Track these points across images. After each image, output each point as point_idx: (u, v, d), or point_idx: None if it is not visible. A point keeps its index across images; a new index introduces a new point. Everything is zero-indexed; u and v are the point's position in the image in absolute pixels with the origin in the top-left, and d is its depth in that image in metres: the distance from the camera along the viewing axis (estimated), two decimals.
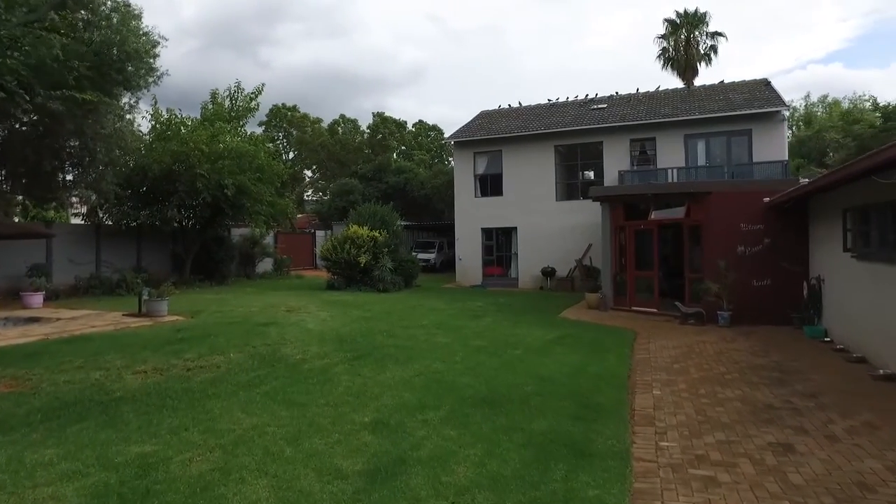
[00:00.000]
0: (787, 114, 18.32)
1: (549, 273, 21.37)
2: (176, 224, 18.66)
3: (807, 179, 11.78)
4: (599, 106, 23.09)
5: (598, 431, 5.33)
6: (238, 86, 20.01)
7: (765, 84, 20.80)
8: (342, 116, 47.96)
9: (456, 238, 23.86)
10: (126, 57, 13.01)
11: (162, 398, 6.07)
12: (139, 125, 17.32)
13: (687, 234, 12.92)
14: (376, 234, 19.52)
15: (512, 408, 5.99)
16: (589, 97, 24.73)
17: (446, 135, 51.80)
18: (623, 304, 14.49)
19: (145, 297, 11.57)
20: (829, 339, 9.91)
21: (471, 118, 25.78)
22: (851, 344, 9.00)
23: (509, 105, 26.28)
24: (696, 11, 37.16)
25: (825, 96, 45.23)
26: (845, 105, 40.21)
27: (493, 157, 23.13)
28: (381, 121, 45.57)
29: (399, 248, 21.21)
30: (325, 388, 6.63)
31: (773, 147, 18.59)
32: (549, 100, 25.46)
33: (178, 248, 20.21)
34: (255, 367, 7.36)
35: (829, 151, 22.74)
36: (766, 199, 11.60)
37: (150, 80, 14.12)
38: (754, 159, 18.59)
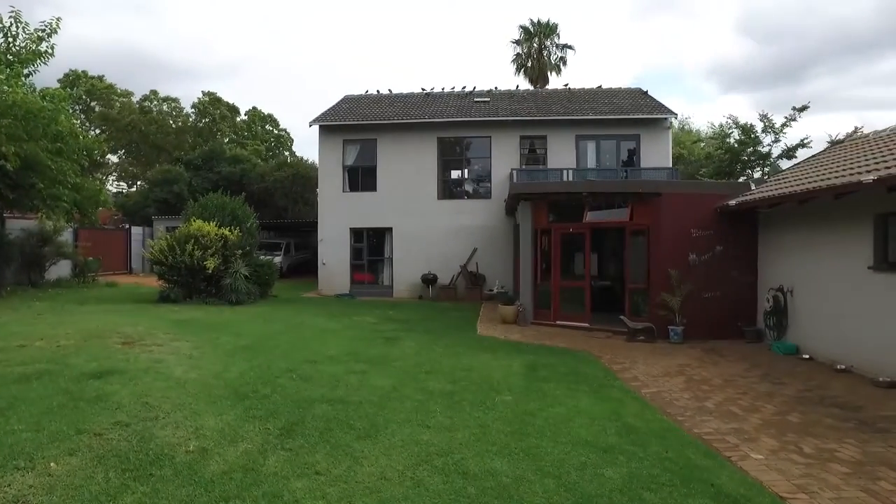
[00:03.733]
0: (673, 121, 18.34)
1: (430, 280, 18.94)
2: None
3: (754, 186, 10.99)
4: (482, 99, 21.36)
5: None
6: (16, 17, 13.83)
7: (642, 93, 20.89)
8: (154, 93, 40.01)
9: (319, 239, 20.25)
10: None
11: None
12: None
13: (629, 240, 11.42)
14: (227, 232, 15.30)
15: None
16: (466, 89, 22.89)
17: (282, 126, 47.24)
18: (545, 319, 12.60)
19: None
20: (807, 357, 8.94)
21: (336, 101, 22.35)
22: (836, 358, 8.21)
23: (378, 91, 23.37)
24: (548, 22, 38.08)
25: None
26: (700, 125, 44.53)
27: (367, 147, 20.04)
28: (211, 102, 38.98)
29: (253, 251, 17.07)
30: None
31: (659, 153, 18.49)
32: (423, 89, 23.13)
33: None
34: (116, 490, 3.64)
35: (701, 165, 23.84)
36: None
37: None
38: (642, 165, 18.32)
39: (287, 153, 42.51)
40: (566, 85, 22.51)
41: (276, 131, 45.82)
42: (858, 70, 53.89)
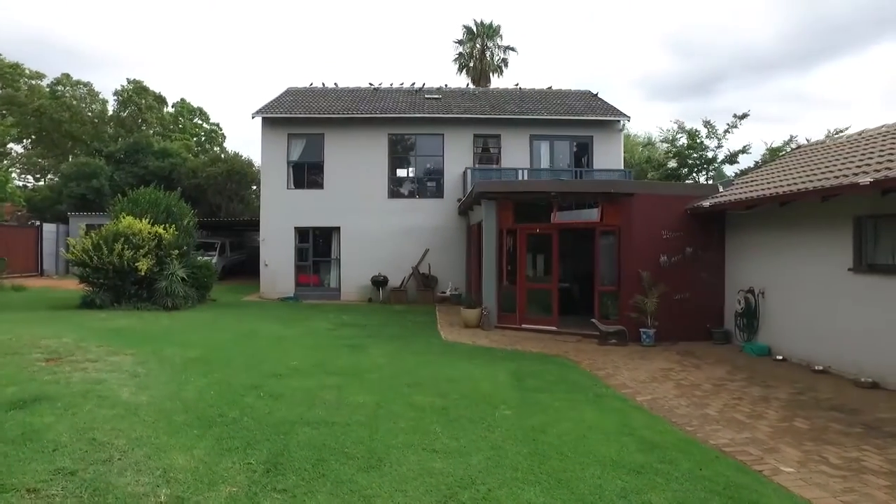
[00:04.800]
0: (625, 124, 18.50)
1: (380, 283, 18.16)
2: None
3: (721, 188, 11.04)
4: (433, 96, 20.78)
5: None
6: None
7: (592, 95, 21.01)
8: (66, 76, 36.37)
9: (261, 239, 18.99)
10: None
11: None
12: None
13: (599, 241, 11.18)
14: (161, 230, 13.92)
15: None
16: (415, 85, 22.23)
17: (213, 120, 44.68)
18: (511, 322, 12.18)
19: None
20: (781, 357, 8.96)
21: (279, 93, 21.07)
22: (813, 359, 8.31)
23: (323, 84, 22.29)
24: (491, 23, 38.07)
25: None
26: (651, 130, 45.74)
27: (313, 142, 18.98)
28: (136, 90, 36.05)
29: (190, 251, 15.67)
30: None
31: (611, 156, 18.61)
32: (370, 83, 22.28)
33: None
34: None
35: (648, 168, 24.29)
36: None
37: None
38: (595, 166, 18.37)
39: (218, 149, 40.14)
40: (517, 84, 22.34)
41: (206, 126, 43.26)
42: (757, 87, 57.60)
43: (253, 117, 18.24)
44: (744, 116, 20.36)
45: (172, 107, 41.24)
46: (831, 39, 58.35)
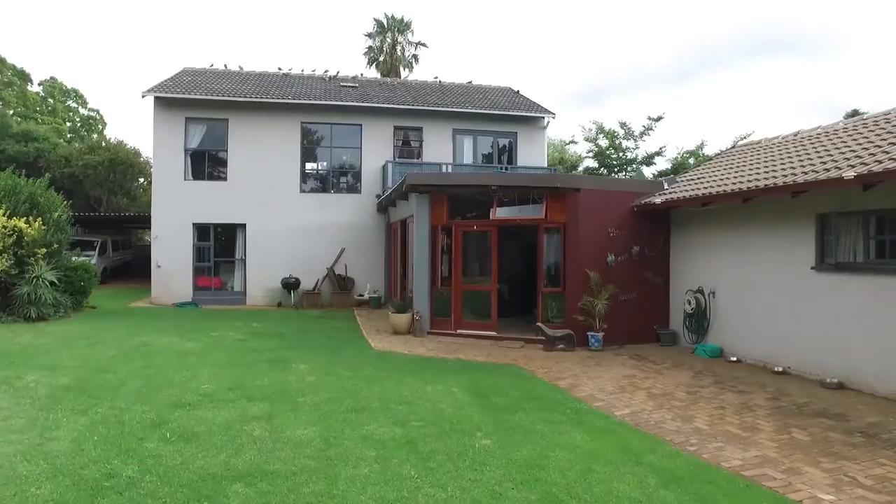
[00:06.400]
0: (550, 121, 18.16)
1: (292, 285, 16.46)
2: None
3: (666, 185, 10.74)
4: (350, 84, 19.35)
5: None
6: None
7: (514, 92, 20.58)
8: None
9: (153, 236, 16.61)
10: None
11: None
12: None
13: (543, 239, 10.46)
14: (22, 223, 11.51)
15: None
16: (329, 73, 20.63)
17: (92, 106, 39.79)
18: (445, 328, 11.20)
19: None
20: (735, 359, 8.69)
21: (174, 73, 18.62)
22: (772, 360, 8.11)
23: (226, 66, 20.06)
24: (402, 18, 37.04)
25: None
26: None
27: (215, 128, 16.87)
28: None
29: (63, 250, 13.18)
30: None
31: (535, 153, 18.23)
32: (279, 68, 20.37)
33: None
34: None
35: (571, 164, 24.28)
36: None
37: None
38: (519, 163, 17.89)
39: (97, 136, 35.70)
40: (436, 78, 21.43)
41: (83, 111, 38.45)
42: (640, 100, 61.17)
43: (143, 96, 15.85)
44: (659, 119, 20.92)
45: (39, 85, 36.21)
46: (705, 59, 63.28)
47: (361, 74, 21.04)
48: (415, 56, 37.93)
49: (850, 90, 51.58)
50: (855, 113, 19.66)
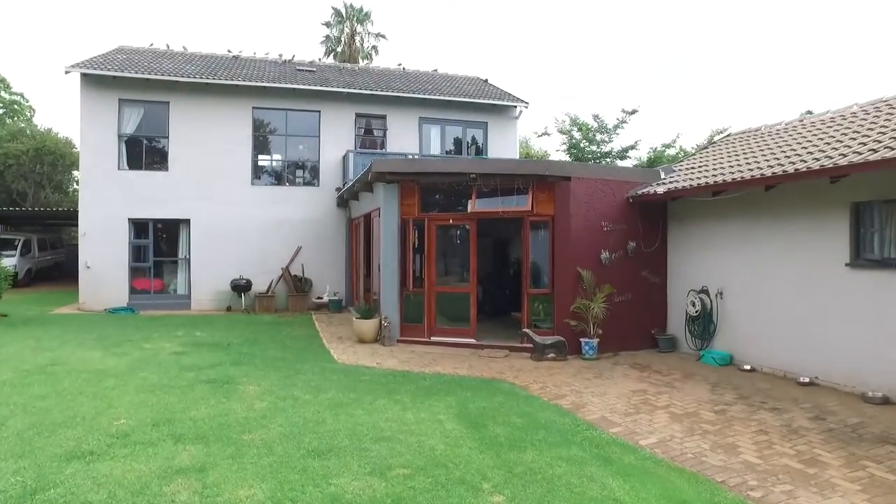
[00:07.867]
0: (522, 111, 17.09)
1: (243, 288, 14.83)
2: None
3: (663, 174, 9.77)
4: (307, 68, 17.79)
5: None
6: None
7: (483, 81, 19.46)
8: None
9: (81, 233, 14.67)
10: None
11: None
12: None
13: (529, 234, 9.31)
14: None
15: None
16: (283, 57, 18.97)
17: (17, 90, 36.48)
18: (417, 335, 9.93)
19: None
20: (749, 367, 7.75)
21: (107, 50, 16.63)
22: (794, 369, 7.21)
23: (168, 46, 18.14)
24: (361, 8, 35.48)
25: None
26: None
27: (154, 112, 15.05)
28: None
29: None
30: None
31: (506, 144, 17.19)
32: (228, 50, 18.61)
33: None
34: None
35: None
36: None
37: None
38: (490, 155, 16.78)
39: (25, 124, 32.69)
40: (400, 65, 20.06)
41: (5, 94, 35.21)
42: (614, 94, 61.48)
43: (67, 72, 13.92)
44: (633, 112, 20.22)
45: None
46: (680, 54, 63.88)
47: (320, 59, 19.49)
48: (374, 48, 36.51)
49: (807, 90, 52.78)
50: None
